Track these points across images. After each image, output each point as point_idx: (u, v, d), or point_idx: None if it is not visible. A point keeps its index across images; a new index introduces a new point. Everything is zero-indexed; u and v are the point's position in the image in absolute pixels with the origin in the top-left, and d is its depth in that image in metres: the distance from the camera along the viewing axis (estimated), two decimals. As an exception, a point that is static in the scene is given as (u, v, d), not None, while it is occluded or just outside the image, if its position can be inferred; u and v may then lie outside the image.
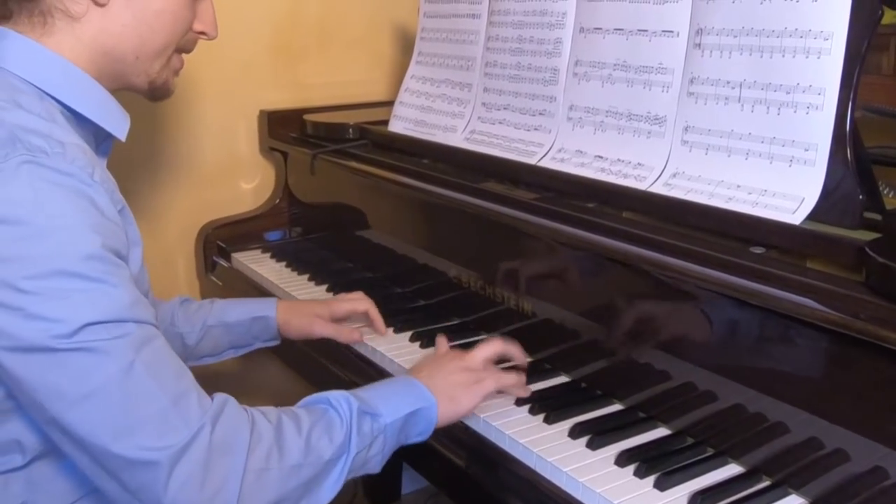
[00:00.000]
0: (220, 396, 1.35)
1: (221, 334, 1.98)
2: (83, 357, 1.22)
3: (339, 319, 2.00)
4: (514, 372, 1.67)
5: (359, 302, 2.02)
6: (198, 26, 1.60)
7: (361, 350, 1.97)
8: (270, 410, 1.40)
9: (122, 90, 1.56)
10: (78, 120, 1.46)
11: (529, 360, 1.78)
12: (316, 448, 1.39)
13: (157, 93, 1.62)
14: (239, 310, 1.99)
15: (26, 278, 1.21)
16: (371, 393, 1.52)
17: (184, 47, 1.61)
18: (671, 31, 1.69)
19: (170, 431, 1.25)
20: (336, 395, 1.47)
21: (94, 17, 1.44)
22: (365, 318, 2.02)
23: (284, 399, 1.52)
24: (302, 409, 1.45)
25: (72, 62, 1.45)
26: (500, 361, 1.71)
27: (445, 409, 1.55)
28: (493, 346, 1.68)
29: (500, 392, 1.64)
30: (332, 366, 2.01)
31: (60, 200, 1.25)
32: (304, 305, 2.07)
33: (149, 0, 1.48)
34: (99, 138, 1.55)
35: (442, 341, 1.77)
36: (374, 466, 1.49)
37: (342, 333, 1.99)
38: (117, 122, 1.54)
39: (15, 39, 1.42)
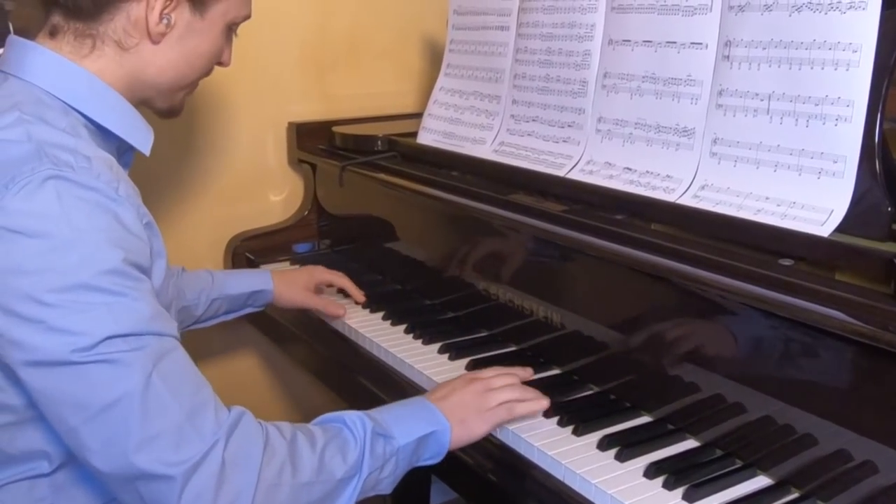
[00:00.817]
0: (237, 410, 1.36)
1: (222, 304, 2.15)
2: (103, 369, 1.24)
3: (320, 285, 2.29)
4: (528, 390, 1.66)
5: (339, 278, 2.29)
6: (220, 58, 1.68)
7: (390, 361, 1.98)
8: (285, 426, 1.41)
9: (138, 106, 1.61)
10: (102, 133, 1.49)
11: (557, 372, 1.79)
12: (329, 466, 1.40)
13: (173, 114, 1.70)
14: (239, 282, 2.20)
15: (49, 291, 1.22)
16: (385, 415, 1.53)
17: (205, 75, 1.68)
18: (700, 44, 1.70)
19: (185, 445, 1.26)
20: (351, 416, 1.48)
21: (144, 51, 1.51)
22: (344, 294, 2.31)
23: (307, 406, 1.53)
24: (317, 427, 1.46)
25: (100, 78, 1.49)
26: None
27: (458, 434, 1.56)
28: (507, 378, 1.67)
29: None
30: (365, 380, 2.01)
31: (85, 214, 1.26)
32: (296, 278, 2.28)
33: (197, 43, 1.57)
34: (121, 150, 1.58)
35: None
36: (386, 488, 1.50)
37: (328, 306, 2.23)
38: (142, 136, 1.58)
39: (42, 53, 1.46)
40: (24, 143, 1.30)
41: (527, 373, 1.73)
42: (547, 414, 1.66)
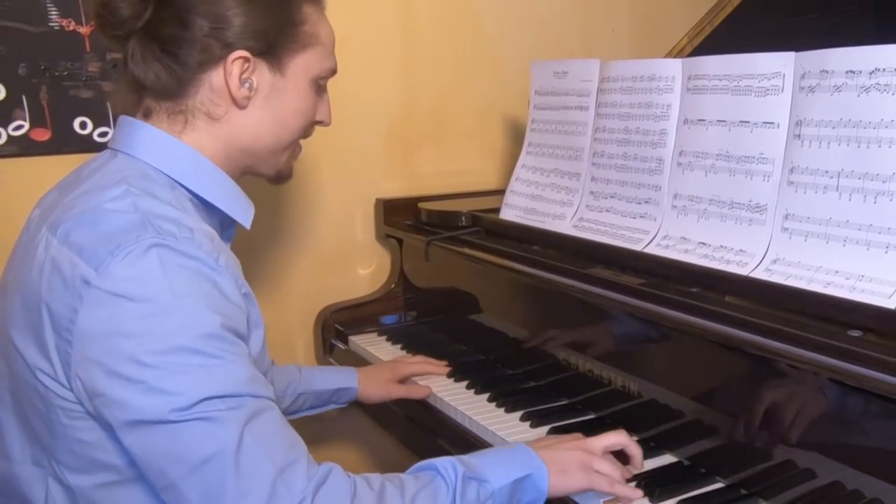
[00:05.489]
0: (326, 465, 1.38)
1: (307, 399, 2.16)
2: (199, 426, 1.27)
3: (405, 377, 2.27)
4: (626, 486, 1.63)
5: (420, 366, 2.30)
6: (318, 116, 1.69)
7: (473, 428, 2.00)
8: (375, 477, 1.43)
9: (246, 176, 1.65)
10: (206, 207, 1.54)
11: (635, 438, 1.77)
12: None
13: (282, 178, 1.72)
14: (325, 379, 2.23)
15: (150, 353, 1.27)
16: (479, 459, 1.53)
17: (305, 135, 1.70)
18: (772, 123, 1.71)
19: (276, 499, 1.29)
20: (443, 462, 1.48)
21: (234, 118, 1.54)
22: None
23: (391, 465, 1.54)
24: (409, 476, 1.47)
25: (201, 153, 1.53)
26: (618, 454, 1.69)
27: (556, 481, 1.55)
28: (615, 437, 1.67)
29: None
30: (447, 445, 2.03)
31: (186, 281, 1.31)
32: (378, 373, 2.28)
33: (285, 101, 1.58)
34: (224, 224, 1.63)
35: None
36: None
37: (413, 392, 2.22)
38: (243, 211, 1.62)
39: (149, 131, 1.52)
40: (130, 213, 1.35)
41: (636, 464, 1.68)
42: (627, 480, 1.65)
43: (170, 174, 1.50)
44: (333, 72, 1.68)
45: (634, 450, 1.67)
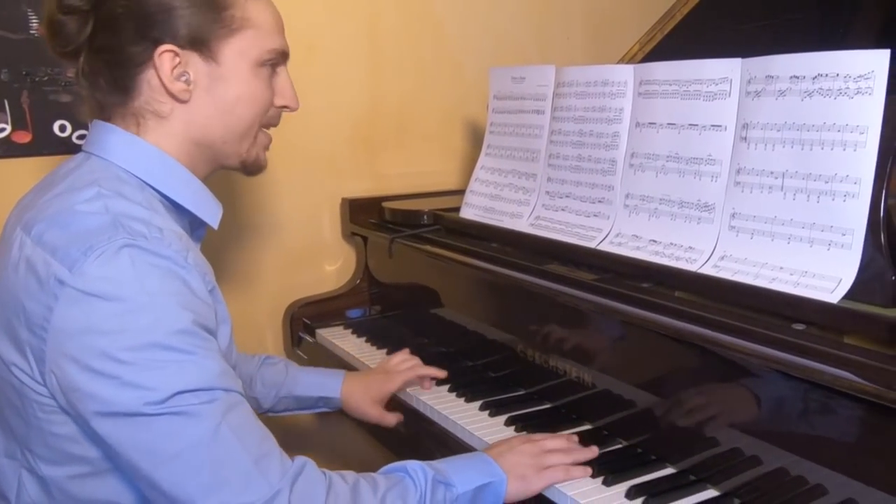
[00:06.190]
0: (300, 459, 1.38)
1: (290, 402, 2.09)
2: (173, 420, 1.26)
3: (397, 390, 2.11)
4: (577, 452, 1.67)
5: (415, 372, 2.12)
6: (279, 101, 1.62)
7: (435, 417, 1.99)
8: (348, 474, 1.43)
9: (217, 171, 1.61)
10: (175, 208, 1.51)
11: (588, 427, 1.79)
12: None
13: (250, 169, 1.65)
14: (309, 384, 2.09)
15: (123, 349, 1.25)
16: (446, 465, 1.54)
17: (268, 123, 1.63)
18: (719, 126, 1.71)
19: (252, 490, 1.28)
20: (413, 465, 1.49)
21: (180, 113, 1.50)
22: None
23: (355, 457, 1.54)
24: (380, 476, 1.48)
25: (167, 154, 1.50)
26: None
27: (515, 487, 1.57)
28: (562, 441, 1.69)
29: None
30: (404, 430, 2.05)
31: (157, 280, 1.29)
32: (366, 388, 2.10)
33: (227, 89, 1.51)
34: (194, 225, 1.60)
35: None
36: None
37: (384, 419, 2.07)
38: (211, 211, 1.59)
39: (121, 135, 1.49)
40: (102, 214, 1.33)
41: (590, 453, 1.69)
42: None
43: (139, 175, 1.47)
44: (279, 53, 1.58)
45: (579, 473, 1.66)
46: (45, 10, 1.48)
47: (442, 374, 2.13)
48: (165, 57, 1.45)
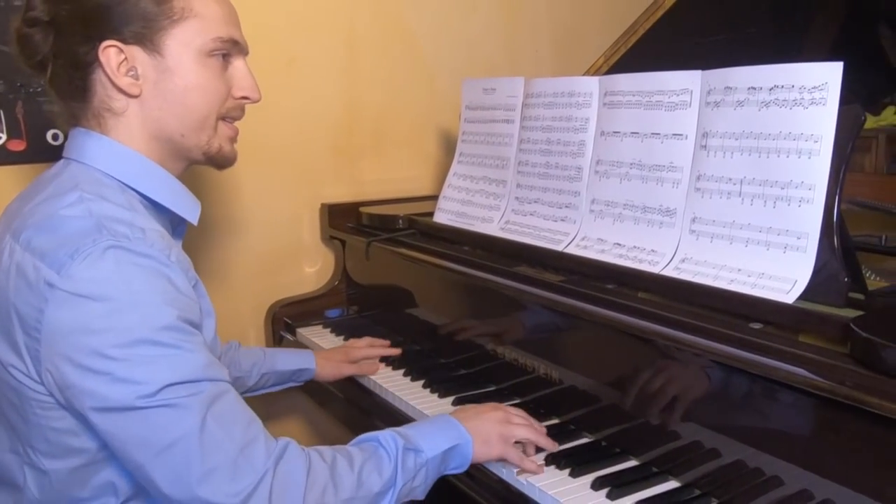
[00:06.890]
0: (283, 440, 1.38)
1: (270, 377, 2.14)
2: (164, 412, 1.26)
3: (356, 360, 2.25)
4: (532, 461, 1.66)
5: (371, 350, 2.29)
6: (237, 92, 1.56)
7: (410, 412, 1.99)
8: (326, 450, 1.44)
9: (189, 166, 1.58)
10: (155, 207, 1.50)
11: (556, 421, 1.80)
12: (367, 482, 1.42)
13: (217, 161, 1.59)
14: (286, 360, 2.19)
15: (113, 347, 1.24)
16: (415, 431, 1.55)
17: (228, 115, 1.57)
18: (680, 135, 1.71)
19: (240, 476, 1.28)
20: (385, 435, 1.51)
21: (135, 109, 1.46)
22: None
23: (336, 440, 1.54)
24: (354, 448, 1.48)
25: (140, 153, 1.48)
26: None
27: (480, 449, 1.59)
28: (527, 433, 1.67)
29: (528, 441, 1.66)
30: (381, 424, 2.01)
31: (142, 279, 1.28)
32: (334, 355, 2.26)
33: (175, 80, 1.46)
34: (174, 223, 1.59)
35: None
36: (419, 495, 1.53)
37: (363, 369, 2.24)
38: (189, 209, 1.57)
39: (96, 139, 1.46)
40: (85, 218, 1.32)
41: (551, 446, 1.70)
42: (547, 459, 1.66)
43: (117, 177, 1.45)
44: (226, 41, 1.50)
45: (545, 443, 1.69)
46: (13, 26, 1.47)
47: (396, 351, 2.30)
48: (110, 53, 1.42)
